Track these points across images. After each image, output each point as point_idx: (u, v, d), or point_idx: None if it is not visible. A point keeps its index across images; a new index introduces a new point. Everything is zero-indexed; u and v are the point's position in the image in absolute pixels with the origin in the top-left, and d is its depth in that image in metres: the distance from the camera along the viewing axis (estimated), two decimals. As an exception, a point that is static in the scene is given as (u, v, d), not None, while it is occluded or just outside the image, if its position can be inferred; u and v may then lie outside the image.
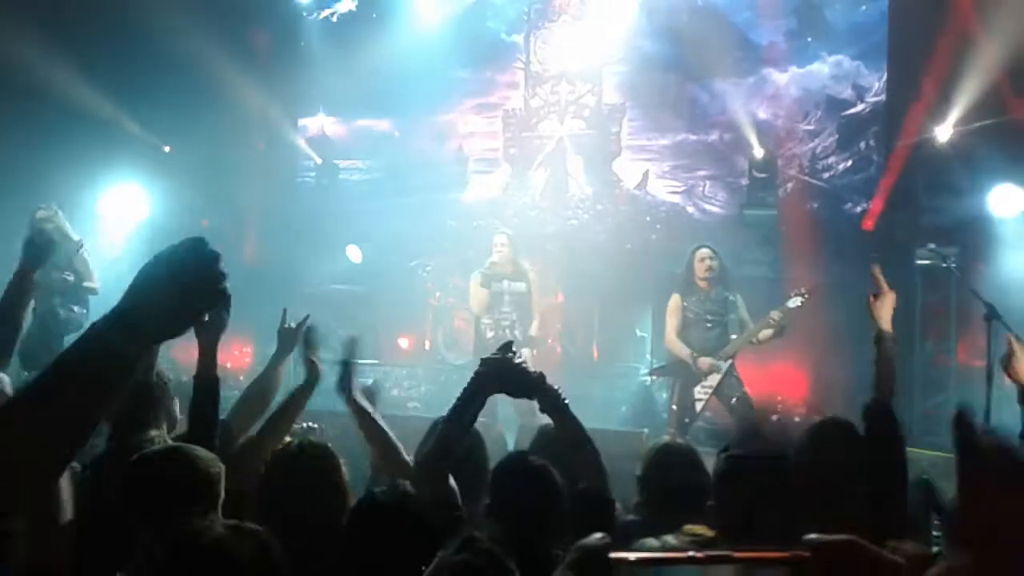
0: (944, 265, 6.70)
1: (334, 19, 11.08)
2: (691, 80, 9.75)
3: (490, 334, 6.89)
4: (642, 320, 9.26)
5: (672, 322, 6.59)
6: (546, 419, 2.85)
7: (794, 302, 6.44)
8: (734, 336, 6.47)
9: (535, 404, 2.74)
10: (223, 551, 1.68)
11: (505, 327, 6.94)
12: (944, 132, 8.21)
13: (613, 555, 0.74)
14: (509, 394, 2.79)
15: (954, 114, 8.09)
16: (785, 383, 8.21)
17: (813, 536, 0.75)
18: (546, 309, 9.54)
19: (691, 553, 0.73)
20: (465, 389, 2.70)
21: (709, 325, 6.49)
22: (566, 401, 2.77)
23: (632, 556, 0.74)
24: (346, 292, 10.05)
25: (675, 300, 6.61)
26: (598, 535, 0.76)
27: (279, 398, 3.56)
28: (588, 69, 10.48)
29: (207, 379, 2.97)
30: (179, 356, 5.03)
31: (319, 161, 10.94)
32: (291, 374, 4.07)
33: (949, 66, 7.89)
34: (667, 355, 6.76)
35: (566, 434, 2.78)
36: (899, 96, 8.86)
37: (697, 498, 2.65)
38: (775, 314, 6.35)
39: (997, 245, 7.64)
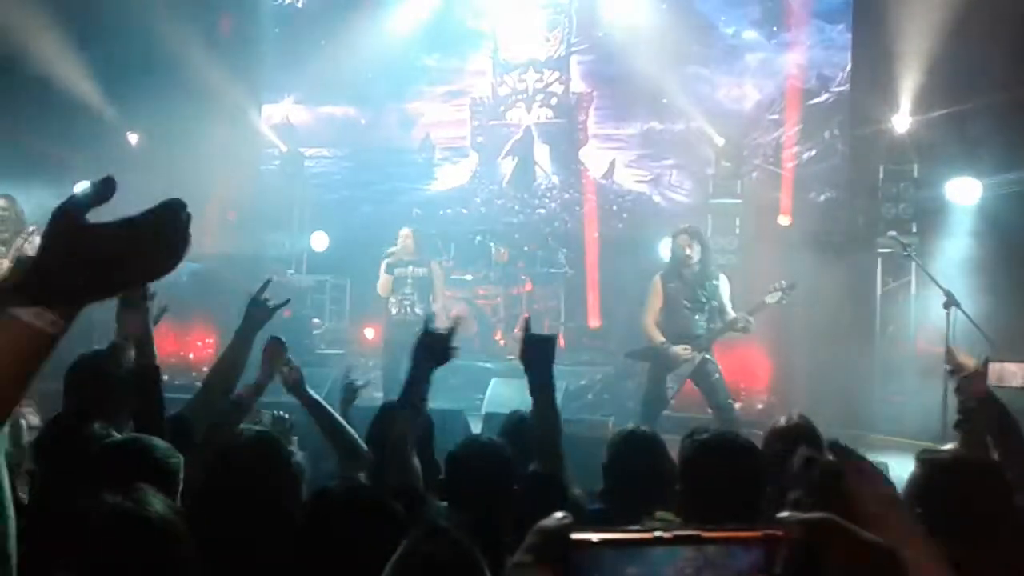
0: (904, 253, 6.79)
1: (299, 5, 10.94)
2: (658, 69, 9.77)
3: (394, 311, 7.84)
4: (610, 308, 9.31)
5: (651, 305, 6.50)
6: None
7: (773, 297, 6.42)
8: (716, 324, 6.41)
9: None
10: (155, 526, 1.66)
11: (407, 305, 7.77)
12: (903, 122, 8.32)
13: (574, 536, 0.71)
14: (440, 362, 2.84)
15: (914, 104, 8.20)
16: (748, 372, 8.28)
17: (787, 514, 0.73)
18: (514, 297, 9.59)
19: (658, 533, 0.70)
20: (408, 371, 2.80)
21: (689, 310, 6.41)
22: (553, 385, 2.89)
23: (595, 537, 0.71)
24: (311, 281, 9.98)
25: (656, 283, 6.52)
26: (559, 514, 0.73)
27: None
28: (555, 57, 10.47)
29: (145, 368, 2.91)
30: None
31: (284, 149, 10.82)
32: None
33: (911, 56, 7.98)
34: (642, 339, 6.70)
35: (541, 415, 2.84)
36: (862, 86, 8.96)
37: (661, 486, 2.67)
38: (746, 315, 6.31)
39: (956, 234, 7.77)
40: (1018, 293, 7.15)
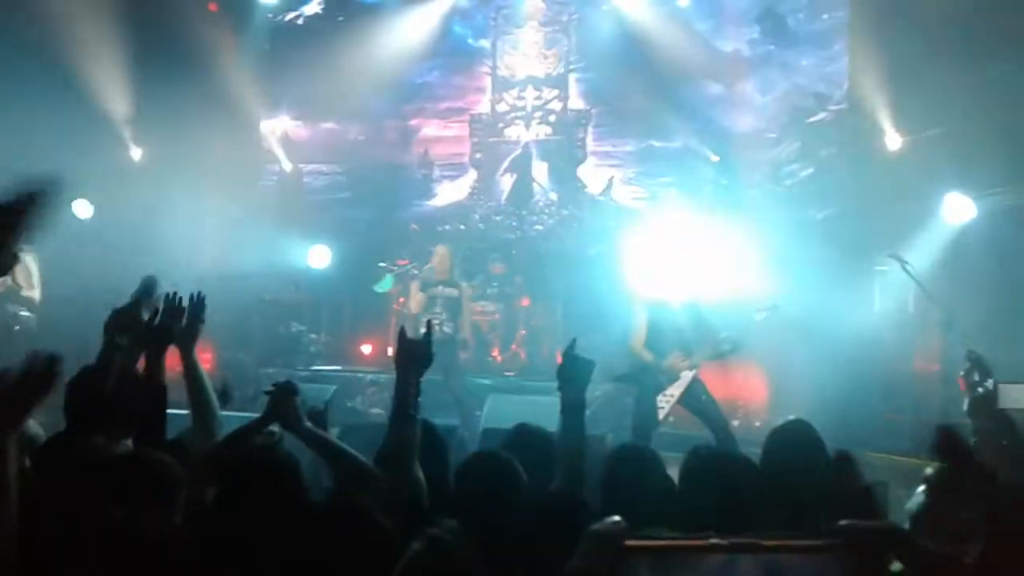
0: (903, 270, 6.77)
1: (300, 21, 10.99)
2: (656, 87, 9.81)
3: (423, 331, 7.49)
4: (605, 326, 9.28)
5: (636, 328, 6.58)
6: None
7: (760, 315, 6.50)
8: (700, 346, 6.47)
9: None
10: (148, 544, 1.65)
11: (437, 325, 7.58)
12: (901, 140, 8.35)
13: (629, 542, 0.70)
14: (423, 368, 2.85)
15: (912, 122, 8.23)
16: (746, 390, 8.27)
17: (847, 522, 0.70)
18: (512, 313, 9.57)
19: (714, 540, 0.68)
20: (396, 383, 2.80)
21: (674, 333, 6.48)
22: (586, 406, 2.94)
23: (649, 543, 0.69)
24: (308, 298, 9.97)
25: (640, 307, 6.60)
26: (613, 519, 0.72)
27: None
28: (554, 75, 10.52)
29: (154, 386, 2.93)
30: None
31: (289, 167, 10.83)
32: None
33: (909, 75, 8.01)
34: (633, 361, 6.75)
35: (568, 434, 2.83)
36: (861, 104, 8.98)
37: (660, 501, 2.66)
38: (732, 337, 6.39)
39: (954, 252, 7.76)
40: (1016, 311, 7.14)
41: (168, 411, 3.02)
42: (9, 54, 8.43)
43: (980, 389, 2.84)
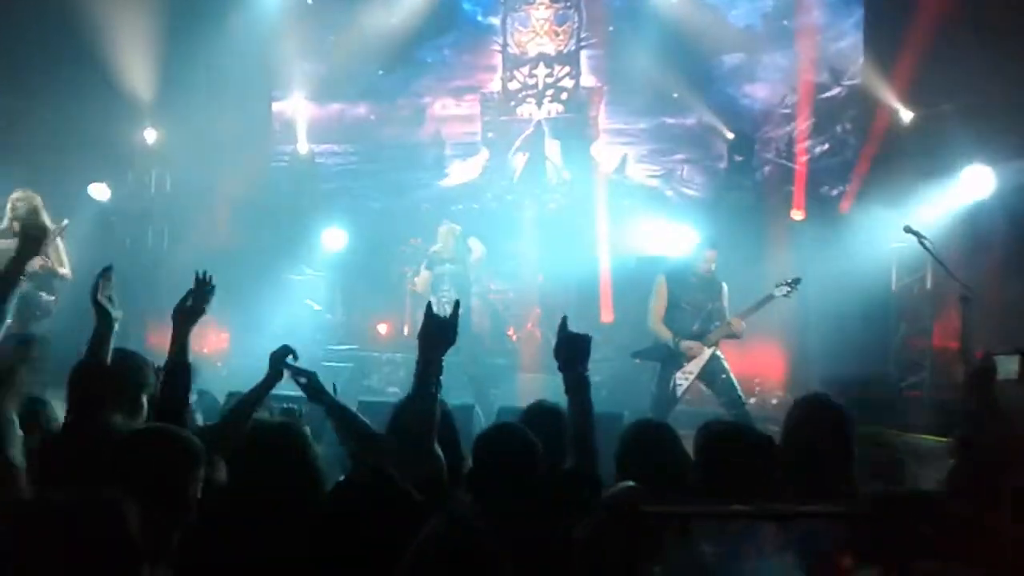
0: (922, 246, 6.71)
1: (309, 1, 10.94)
2: (669, 63, 9.73)
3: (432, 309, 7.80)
4: (620, 304, 9.28)
5: (657, 304, 6.58)
6: None
7: (780, 290, 6.46)
8: (717, 324, 6.48)
9: None
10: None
11: (444, 303, 7.51)
12: (917, 114, 8.27)
13: (645, 508, 0.67)
14: (447, 345, 2.84)
15: (928, 96, 8.14)
16: (763, 366, 8.25)
17: (878, 488, 0.68)
18: (526, 292, 9.57)
19: (736, 507, 0.66)
20: (418, 360, 2.80)
21: (692, 310, 6.49)
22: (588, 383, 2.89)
23: (666, 509, 0.67)
24: (322, 278, 9.99)
25: (661, 282, 6.59)
26: (626, 483, 0.69)
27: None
28: (565, 52, 10.45)
29: (177, 364, 2.95)
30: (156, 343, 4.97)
31: (305, 149, 10.81)
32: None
33: (924, 48, 7.91)
34: (651, 337, 6.75)
35: (576, 413, 2.84)
36: (875, 79, 8.88)
37: (675, 476, 2.66)
38: (735, 320, 6.37)
39: (972, 225, 7.69)
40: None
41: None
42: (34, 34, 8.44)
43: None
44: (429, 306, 2.95)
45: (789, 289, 6.44)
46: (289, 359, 3.33)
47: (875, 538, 0.65)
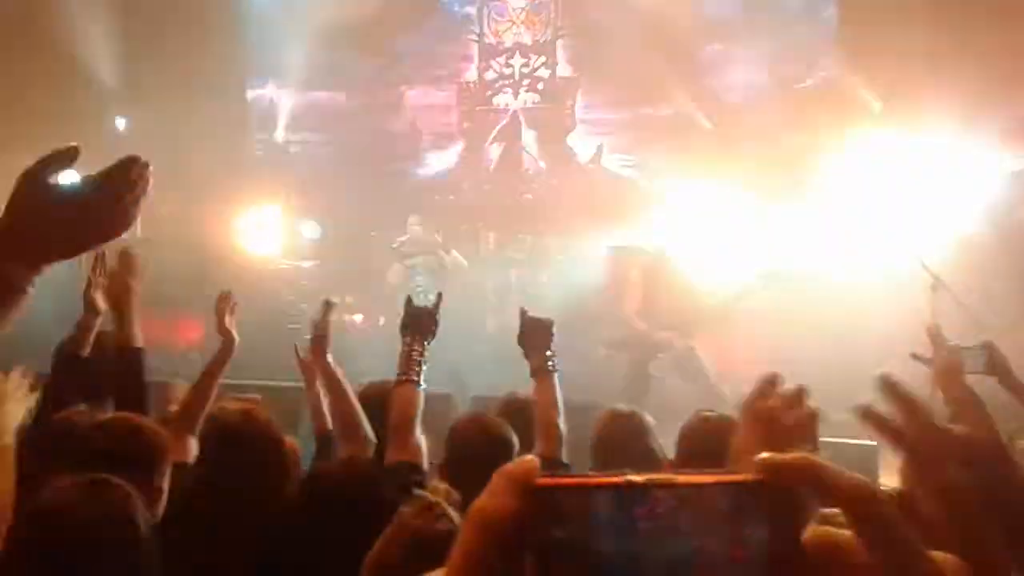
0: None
1: (284, -12, 10.84)
2: (645, 53, 9.74)
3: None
4: (596, 295, 9.31)
5: (630, 295, 6.61)
6: None
7: (759, 282, 6.52)
8: (695, 316, 6.49)
9: None
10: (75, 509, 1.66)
11: (419, 294, 7.56)
12: (883, 105, 8.36)
13: (540, 480, 0.67)
14: (429, 336, 2.88)
15: (895, 88, 8.22)
16: (742, 358, 8.29)
17: (764, 455, 0.69)
18: (504, 282, 9.59)
19: (630, 476, 0.66)
20: (401, 349, 2.84)
21: (671, 300, 6.50)
22: (554, 368, 2.94)
23: (562, 480, 0.67)
24: (299, 268, 9.94)
25: (636, 274, 6.62)
26: (526, 457, 0.68)
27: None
28: (542, 41, 10.43)
29: (127, 350, 2.90)
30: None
31: (282, 136, 10.73)
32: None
33: (896, 39, 7.98)
34: (624, 329, 6.79)
35: (542, 398, 2.87)
36: (848, 72, 8.94)
37: (647, 464, 2.69)
38: (724, 303, 6.40)
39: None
40: (1014, 274, 7.18)
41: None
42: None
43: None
44: (409, 299, 2.98)
45: (767, 282, 6.50)
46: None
47: (763, 502, 0.67)
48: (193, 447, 2.70)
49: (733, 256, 7.68)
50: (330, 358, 3.28)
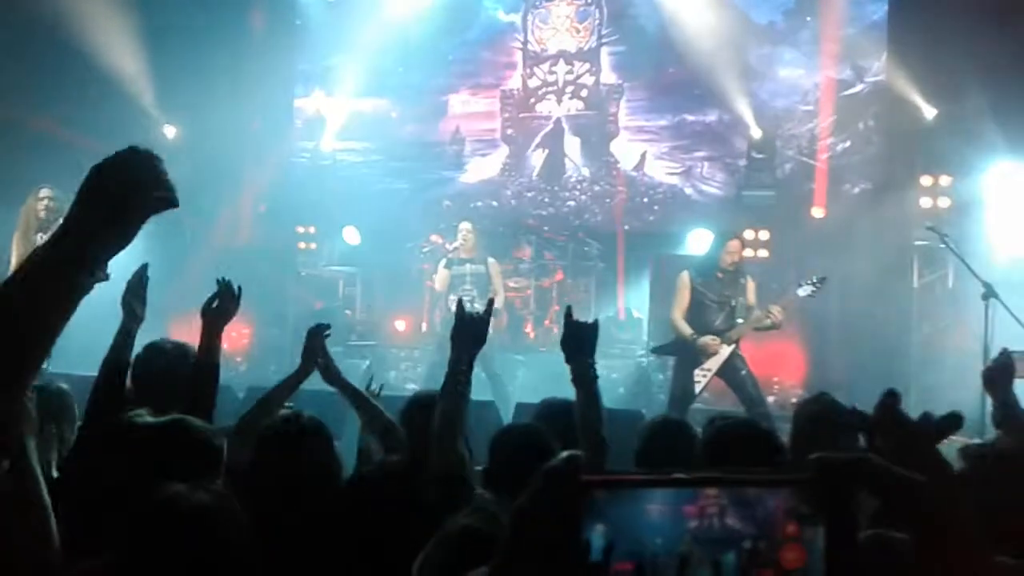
0: (941, 245, 6.67)
1: (331, -1, 10.99)
2: (690, 60, 9.69)
3: (453, 308, 7.68)
4: (639, 301, 9.27)
5: (679, 300, 6.54)
6: None
7: (804, 290, 6.39)
8: (740, 320, 6.42)
9: None
10: (204, 516, 1.69)
11: (467, 301, 7.42)
12: (941, 111, 8.19)
13: (586, 477, 0.66)
14: (479, 344, 2.87)
15: (952, 92, 8.05)
16: (782, 366, 8.20)
17: (820, 454, 0.67)
18: (545, 289, 9.59)
19: (678, 474, 0.65)
20: (451, 359, 2.81)
21: (715, 307, 6.44)
22: (595, 375, 2.89)
23: (607, 477, 0.66)
24: (342, 274, 10.05)
25: (684, 278, 6.56)
26: (569, 453, 0.67)
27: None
28: (586, 49, 10.43)
29: (206, 364, 2.99)
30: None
31: (329, 145, 10.87)
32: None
33: (952, 41, 7.82)
34: (669, 334, 6.73)
35: (583, 404, 2.84)
36: (898, 75, 8.80)
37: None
38: (776, 309, 6.29)
39: (994, 224, 7.61)
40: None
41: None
42: (22, 36, 8.51)
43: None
44: (460, 305, 2.97)
45: (814, 288, 6.36)
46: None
47: (814, 502, 0.65)
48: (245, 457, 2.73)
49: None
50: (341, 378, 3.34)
